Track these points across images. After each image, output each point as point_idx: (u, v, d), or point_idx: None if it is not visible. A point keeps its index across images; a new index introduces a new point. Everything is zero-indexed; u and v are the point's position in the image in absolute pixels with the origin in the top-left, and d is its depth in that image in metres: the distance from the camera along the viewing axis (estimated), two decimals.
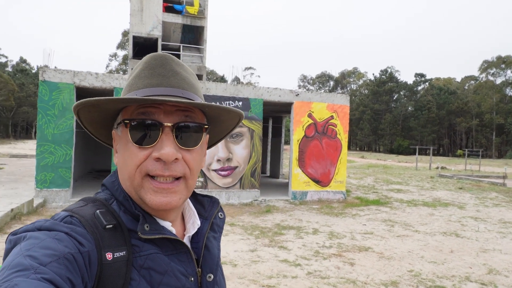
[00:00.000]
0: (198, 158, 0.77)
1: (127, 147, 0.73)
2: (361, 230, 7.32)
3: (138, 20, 18.99)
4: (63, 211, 0.70)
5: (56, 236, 0.61)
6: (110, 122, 0.81)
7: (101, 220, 0.69)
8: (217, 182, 10.17)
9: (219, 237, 0.89)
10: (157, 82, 0.74)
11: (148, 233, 0.71)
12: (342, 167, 11.30)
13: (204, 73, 19.80)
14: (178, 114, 0.73)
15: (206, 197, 0.92)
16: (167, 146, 0.70)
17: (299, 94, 10.97)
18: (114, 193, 0.76)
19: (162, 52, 0.79)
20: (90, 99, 0.70)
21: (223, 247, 5.69)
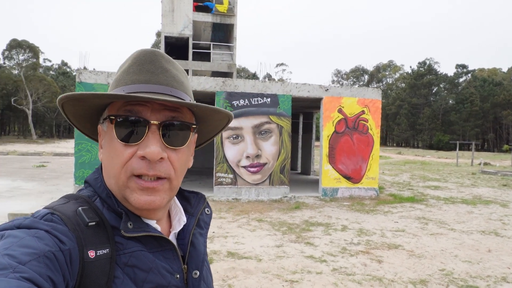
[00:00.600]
0: (184, 158, 0.76)
1: (112, 143, 0.72)
2: (392, 227, 7.11)
3: (169, 21, 19.42)
4: (43, 209, 0.68)
5: (36, 234, 0.59)
6: (95, 117, 0.79)
7: (83, 218, 0.68)
8: (247, 179, 10.23)
9: (205, 234, 0.88)
10: (146, 79, 0.72)
11: (131, 231, 0.70)
12: (374, 163, 11.02)
13: (234, 71, 19.95)
14: (165, 112, 0.72)
15: (192, 193, 0.91)
16: (152, 144, 0.69)
17: (328, 89, 10.79)
18: (97, 190, 0.75)
19: (152, 49, 0.77)
20: (75, 93, 0.69)
21: (250, 242, 5.74)
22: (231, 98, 10.13)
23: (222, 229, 6.54)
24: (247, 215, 7.82)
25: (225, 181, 10.11)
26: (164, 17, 19.46)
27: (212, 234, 6.18)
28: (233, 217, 7.64)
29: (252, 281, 4.14)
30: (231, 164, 10.16)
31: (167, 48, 20.67)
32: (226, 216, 7.67)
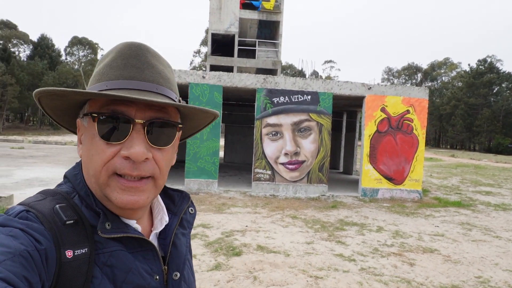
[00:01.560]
0: (168, 157, 0.74)
1: (93, 141, 0.68)
2: (432, 231, 6.86)
3: (216, 18, 19.86)
4: (18, 205, 0.65)
5: (10, 233, 0.57)
6: (74, 110, 0.75)
7: (60, 216, 0.65)
8: (285, 176, 10.29)
9: (188, 233, 0.86)
10: (131, 75, 0.69)
11: (109, 231, 0.68)
12: (418, 165, 10.61)
13: (279, 68, 20.01)
14: (151, 111, 0.69)
15: (176, 192, 0.89)
16: (137, 144, 0.66)
17: (371, 88, 10.54)
18: (76, 187, 0.72)
19: (138, 42, 0.74)
20: (55, 89, 0.65)
21: (281, 237, 5.83)
22: (272, 95, 10.23)
23: (255, 224, 6.69)
24: (282, 212, 7.91)
25: (263, 177, 10.24)
26: (212, 15, 19.95)
27: (245, 227, 6.35)
28: (268, 212, 7.76)
29: (278, 274, 4.23)
30: (270, 161, 10.27)
31: (214, 45, 21.18)
32: (261, 212, 7.81)
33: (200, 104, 10.02)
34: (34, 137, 29.39)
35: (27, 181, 9.54)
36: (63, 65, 46.80)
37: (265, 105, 10.22)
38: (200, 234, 5.76)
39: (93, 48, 51.14)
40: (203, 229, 6.05)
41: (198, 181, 10.04)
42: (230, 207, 8.04)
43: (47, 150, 19.36)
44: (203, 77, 10.08)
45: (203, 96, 10.07)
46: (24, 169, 11.75)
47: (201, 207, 7.88)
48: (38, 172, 11.15)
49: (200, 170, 10.08)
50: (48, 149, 19.71)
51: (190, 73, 10.05)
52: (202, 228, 6.15)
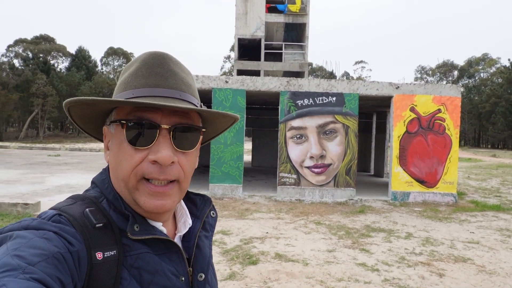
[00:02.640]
0: (192, 161, 0.77)
1: (121, 147, 0.72)
2: (466, 238, 6.41)
3: (242, 23, 19.92)
4: (50, 209, 0.69)
5: (45, 235, 0.60)
6: (101, 118, 0.79)
7: (90, 219, 0.68)
8: (310, 180, 10.05)
9: (211, 236, 0.89)
10: (155, 83, 0.72)
11: (137, 233, 0.71)
12: (452, 167, 10.04)
13: (306, 70, 19.77)
14: (175, 116, 0.72)
15: (198, 196, 0.91)
16: (164, 149, 0.69)
17: (399, 87, 10.11)
18: (104, 191, 0.75)
19: (160, 51, 0.77)
20: (87, 98, 0.68)
21: (302, 244, 5.64)
22: (295, 97, 10.04)
23: (276, 230, 6.53)
24: (306, 217, 7.69)
25: (288, 182, 10.05)
26: (238, 20, 20.05)
27: (265, 234, 6.20)
28: (291, 218, 7.57)
29: (293, 285, 4.06)
30: (295, 164, 10.07)
31: (240, 50, 21.25)
32: (285, 217, 7.63)
33: (224, 108, 9.99)
34: (71, 144, 30.66)
35: (57, 187, 9.87)
36: (99, 75, 48.68)
37: (289, 108, 10.05)
38: (218, 241, 5.68)
39: (127, 57, 52.87)
40: (222, 236, 5.96)
41: (223, 186, 10.00)
42: (253, 213, 7.91)
43: (82, 157, 20.09)
44: (226, 81, 10.06)
45: (226, 100, 10.05)
46: (57, 176, 12.19)
47: (224, 213, 7.81)
48: (69, 179, 11.52)
49: (224, 175, 10.04)
50: (83, 156, 20.46)
51: (213, 78, 10.06)
52: (222, 234, 6.06)
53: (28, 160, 17.40)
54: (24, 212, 6.83)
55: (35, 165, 15.25)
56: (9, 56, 43.61)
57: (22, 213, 6.81)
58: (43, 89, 37.39)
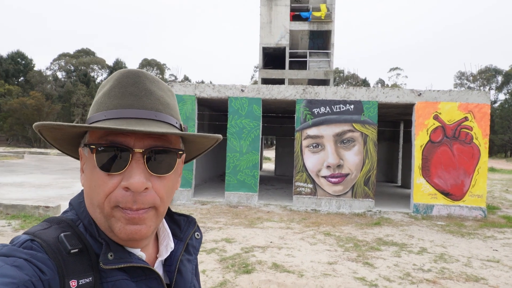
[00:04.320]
0: (170, 185, 0.73)
1: (94, 172, 0.68)
2: (486, 256, 5.96)
3: (267, 32, 20.02)
4: (23, 234, 0.66)
5: (15, 263, 0.57)
6: (76, 140, 0.76)
7: (65, 245, 0.65)
8: (327, 190, 9.80)
9: (194, 259, 0.86)
10: (129, 103, 0.69)
11: (111, 262, 0.67)
12: (481, 178, 9.44)
13: (331, 78, 19.49)
14: (150, 138, 0.68)
15: (182, 217, 0.88)
16: (136, 174, 0.66)
17: (422, 94, 9.69)
18: (79, 215, 0.72)
19: (136, 69, 0.74)
20: (52, 123, 0.65)
21: (303, 255, 5.46)
22: (311, 105, 9.88)
23: (282, 240, 6.38)
24: (316, 228, 7.47)
25: (304, 191, 9.86)
26: (262, 29, 20.17)
27: (268, 243, 6.07)
28: (301, 228, 7.39)
29: None
30: (311, 174, 9.87)
31: (265, 59, 21.33)
32: (295, 227, 7.46)
33: (240, 117, 10.01)
34: None
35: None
36: None
37: (305, 116, 9.90)
38: (219, 248, 5.62)
39: (161, 68, 54.59)
40: (224, 244, 5.90)
41: (238, 194, 9.97)
42: (263, 222, 7.80)
43: None
44: (242, 90, 10.08)
45: (242, 109, 10.05)
46: None
47: (234, 221, 7.75)
48: None
49: (240, 183, 10.00)
50: None
51: (229, 87, 10.12)
52: (225, 242, 6.00)
53: (63, 166, 18.25)
54: (45, 214, 7.20)
55: (68, 171, 15.96)
56: (53, 69, 46.35)
57: (44, 215, 7.18)
58: (83, 99, 39.32)
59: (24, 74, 44.28)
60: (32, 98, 35.11)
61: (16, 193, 9.61)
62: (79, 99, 39.25)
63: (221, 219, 7.87)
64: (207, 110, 13.13)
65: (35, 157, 23.80)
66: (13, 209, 7.26)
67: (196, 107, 10.11)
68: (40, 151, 27.29)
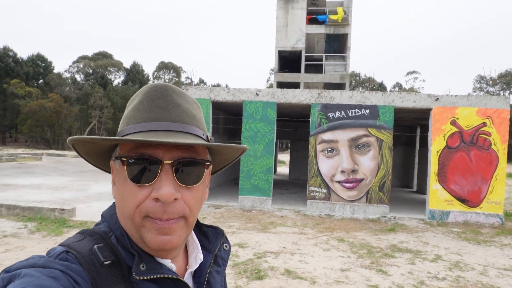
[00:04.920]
0: (199, 195, 0.75)
1: (125, 184, 0.71)
2: (503, 265, 5.85)
3: (283, 35, 20.05)
4: (59, 246, 0.69)
5: (51, 274, 0.60)
6: (107, 154, 0.79)
7: (98, 256, 0.67)
8: (341, 195, 9.76)
9: (223, 271, 0.87)
10: (157, 116, 0.71)
11: (143, 273, 0.69)
12: (499, 185, 9.25)
13: (347, 81, 19.39)
14: (178, 150, 0.70)
15: (210, 228, 0.90)
16: (166, 185, 0.68)
17: (439, 99, 9.57)
18: (112, 227, 0.75)
19: (163, 83, 0.77)
20: (85, 137, 0.69)
21: (316, 262, 5.47)
22: (327, 110, 9.87)
23: (295, 245, 6.39)
24: (330, 233, 7.46)
25: (318, 196, 9.84)
26: (278, 32, 20.21)
27: (281, 249, 6.09)
28: (314, 234, 7.38)
29: None
30: (325, 179, 9.84)
31: (281, 62, 21.35)
32: (308, 232, 7.46)
33: (254, 121, 10.07)
34: None
35: (98, 194, 10.46)
36: None
37: (320, 121, 9.89)
38: (232, 253, 5.67)
39: (177, 71, 55.20)
40: (237, 249, 5.95)
41: (252, 198, 10.01)
42: (276, 226, 7.82)
43: None
44: (257, 94, 10.14)
45: (256, 113, 10.11)
46: (101, 183, 12.93)
47: (247, 225, 7.80)
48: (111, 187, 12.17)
49: (254, 187, 10.05)
50: None
51: (244, 91, 10.19)
52: (237, 247, 6.05)
53: (80, 168, 18.64)
54: (60, 216, 7.34)
55: (84, 173, 16.30)
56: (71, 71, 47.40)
57: (59, 217, 7.31)
58: (100, 101, 40.05)
59: (44, 77, 45.37)
60: (51, 100, 35.94)
61: (33, 195, 9.88)
62: (96, 101, 39.98)
63: (235, 223, 7.93)
64: (221, 114, 13.23)
65: (53, 159, 24.38)
66: (30, 211, 7.45)
67: (211, 110, 10.21)
68: (58, 153, 27.92)
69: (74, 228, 6.72)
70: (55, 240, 5.95)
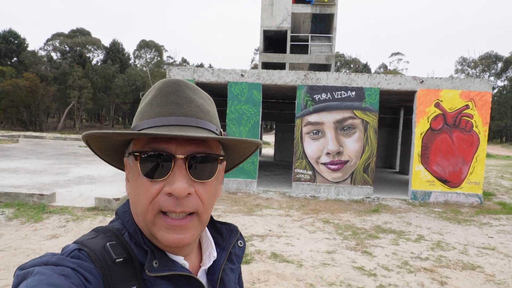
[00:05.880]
0: (212, 190, 0.74)
1: (138, 179, 0.71)
2: (482, 243, 6.03)
3: (268, 14, 19.69)
4: (72, 243, 0.69)
5: (62, 272, 0.60)
6: (121, 150, 0.78)
7: (110, 254, 0.67)
8: (326, 176, 9.82)
9: (237, 268, 0.86)
10: (170, 111, 0.71)
11: (156, 270, 0.69)
12: (478, 166, 9.47)
13: (332, 62, 19.30)
14: (191, 145, 0.70)
15: (224, 225, 0.89)
16: (179, 180, 0.67)
17: (424, 81, 9.61)
18: (125, 224, 0.75)
19: (176, 78, 0.76)
20: (98, 132, 0.68)
21: (302, 244, 5.51)
22: (313, 92, 9.80)
23: (281, 228, 6.42)
24: (315, 215, 7.52)
25: (304, 178, 9.88)
26: (264, 11, 19.83)
27: (267, 232, 6.11)
28: (300, 216, 7.43)
29: (281, 287, 3.95)
30: (310, 161, 9.87)
31: (266, 42, 21.03)
32: (294, 214, 7.50)
33: (239, 102, 9.94)
34: None
35: (78, 178, 10.22)
36: (132, 67, 49.98)
37: (305, 103, 9.83)
38: None
39: (159, 50, 53.88)
40: None
41: (237, 180, 9.98)
42: (262, 209, 7.84)
43: None
44: (242, 75, 9.97)
45: (241, 94, 9.97)
46: (82, 167, 12.64)
47: (233, 208, 7.79)
48: (93, 170, 11.91)
49: (239, 169, 10.00)
50: None
51: (228, 72, 10.00)
52: None
53: (59, 150, 18.19)
54: (39, 202, 7.11)
55: (64, 156, 15.91)
56: (47, 49, 45.63)
57: (38, 203, 7.08)
58: (79, 81, 38.90)
59: (17, 55, 43.49)
60: (26, 79, 34.69)
61: (10, 180, 9.49)
62: (75, 81, 38.79)
63: (220, 206, 7.90)
64: None
65: (31, 141, 23.70)
66: (7, 197, 7.12)
67: None
68: (36, 135, 27.16)
69: (54, 214, 6.54)
70: (34, 226, 5.79)
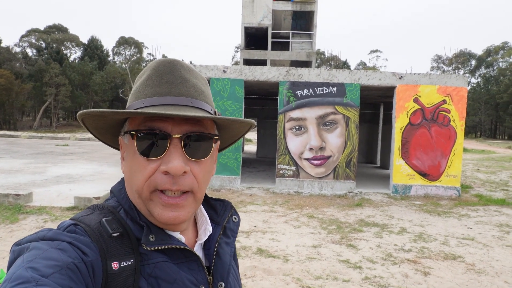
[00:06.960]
0: (207, 169, 0.75)
1: (134, 157, 0.71)
2: (462, 234, 6.19)
3: (249, 11, 19.62)
4: (68, 220, 0.69)
5: (59, 246, 0.60)
6: (116, 129, 0.79)
7: (106, 229, 0.68)
8: (309, 172, 9.88)
9: (232, 242, 0.87)
10: (165, 91, 0.71)
11: (152, 244, 0.70)
12: (456, 159, 9.73)
13: (313, 59, 19.41)
14: (187, 124, 0.71)
15: (218, 201, 0.90)
16: (175, 159, 0.68)
17: (403, 77, 9.79)
18: (120, 201, 0.76)
19: (171, 58, 0.76)
20: (95, 110, 0.69)
21: (287, 239, 5.52)
22: (295, 87, 9.83)
23: (266, 224, 6.42)
24: (300, 210, 7.56)
25: (287, 174, 9.91)
26: (245, 8, 19.75)
27: (252, 228, 6.10)
28: (284, 211, 7.45)
29: (268, 283, 3.95)
30: (294, 156, 9.91)
31: (247, 39, 20.97)
32: (278, 210, 7.51)
33: (222, 98, 9.87)
34: (82, 134, 31.01)
35: (56, 178, 9.94)
36: (111, 64, 48.97)
37: (288, 99, 9.85)
38: None
39: (139, 47, 52.99)
40: None
41: (221, 177, 9.93)
42: (246, 205, 7.82)
43: (89, 147, 20.28)
44: (224, 71, 9.91)
45: (224, 91, 9.90)
46: (59, 166, 12.30)
47: None
48: (71, 169, 11.61)
49: (222, 166, 9.95)
50: (90, 146, 20.65)
51: (210, 68, 9.91)
52: None
53: (35, 149, 17.66)
54: (15, 202, 6.87)
55: (40, 155, 15.45)
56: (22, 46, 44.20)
57: (14, 203, 6.84)
58: (56, 78, 37.86)
59: None
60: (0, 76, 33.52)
61: None
62: (52, 78, 37.71)
63: None
64: None
65: (5, 140, 22.93)
66: None
67: None
68: (10, 134, 26.30)
69: (31, 214, 6.34)
70: (10, 228, 5.59)
